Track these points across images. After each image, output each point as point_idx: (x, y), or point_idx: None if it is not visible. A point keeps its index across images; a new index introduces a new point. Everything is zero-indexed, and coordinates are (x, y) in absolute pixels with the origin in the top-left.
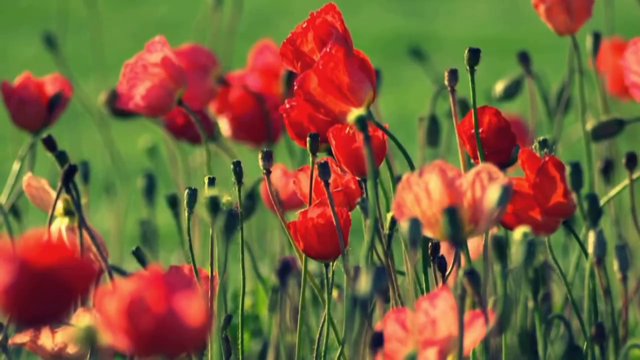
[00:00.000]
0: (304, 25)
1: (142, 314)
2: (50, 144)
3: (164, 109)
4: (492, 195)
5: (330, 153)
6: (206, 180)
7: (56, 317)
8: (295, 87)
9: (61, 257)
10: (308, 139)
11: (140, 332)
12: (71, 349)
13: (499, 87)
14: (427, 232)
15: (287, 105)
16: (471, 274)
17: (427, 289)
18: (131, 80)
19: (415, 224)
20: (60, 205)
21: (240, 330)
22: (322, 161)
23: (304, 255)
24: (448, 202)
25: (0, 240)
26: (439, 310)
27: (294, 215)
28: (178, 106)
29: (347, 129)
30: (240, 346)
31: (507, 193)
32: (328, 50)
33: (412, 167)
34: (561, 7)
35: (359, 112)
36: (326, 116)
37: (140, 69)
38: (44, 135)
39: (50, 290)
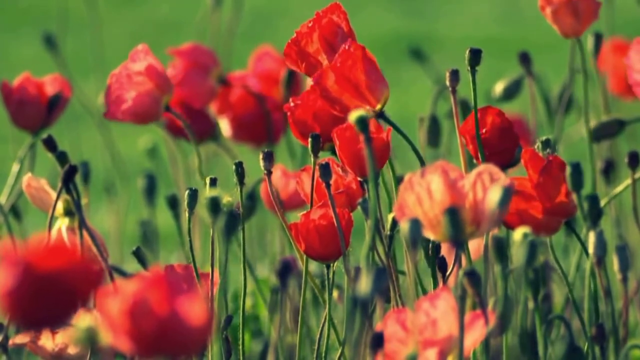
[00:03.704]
0: (310, 25)
1: (144, 316)
2: (50, 144)
3: (151, 116)
4: (493, 196)
5: (333, 152)
6: (207, 181)
7: (60, 320)
8: (312, 83)
9: (65, 260)
10: (310, 139)
11: (142, 334)
12: (72, 350)
13: (499, 87)
14: (429, 234)
15: (292, 104)
16: (471, 275)
17: (434, 289)
18: (117, 90)
19: (415, 224)
20: (60, 206)
21: (241, 330)
22: (324, 162)
23: (304, 256)
24: (450, 203)
25: (3, 243)
26: (439, 311)
27: (294, 216)
28: (166, 112)
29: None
30: (241, 347)
31: (508, 194)
32: (346, 47)
33: (422, 164)
34: (568, 9)
35: (360, 112)
36: (342, 113)
37: (125, 79)
38: (44, 135)
39: (54, 294)
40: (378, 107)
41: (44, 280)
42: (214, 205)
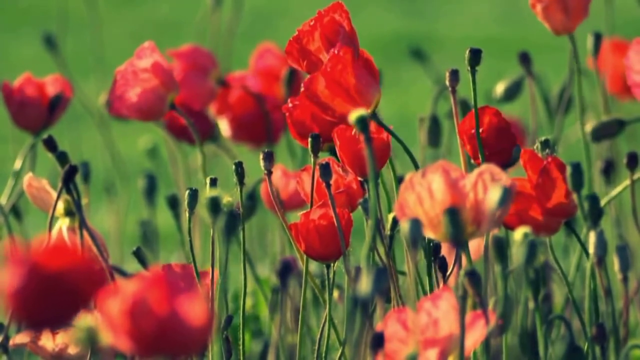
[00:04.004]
0: (311, 24)
1: (144, 315)
2: (50, 144)
3: (156, 114)
4: (493, 196)
5: (332, 153)
6: (207, 181)
7: (65, 320)
8: (302, 89)
9: (71, 260)
10: (310, 139)
11: (142, 334)
12: (72, 350)
13: (500, 88)
14: (429, 233)
15: (290, 104)
16: (472, 275)
17: (431, 290)
18: (122, 87)
19: (415, 224)
20: (60, 206)
21: (241, 330)
22: (324, 162)
23: (304, 256)
24: (451, 203)
25: (5, 243)
26: (441, 311)
27: (294, 216)
28: (171, 110)
29: (353, 130)
30: (241, 347)
31: (508, 194)
32: (336, 52)
33: (416, 167)
34: (558, 6)
35: (360, 112)
36: (333, 118)
37: (131, 75)
38: (45, 135)
39: (60, 294)
40: (369, 110)
41: (50, 281)
42: (214, 205)
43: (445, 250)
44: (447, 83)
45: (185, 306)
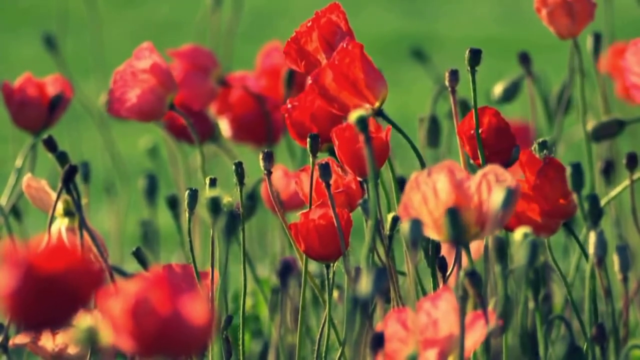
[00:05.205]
0: (309, 24)
1: (147, 315)
2: (50, 144)
3: (155, 114)
4: (497, 197)
5: (331, 153)
6: (207, 181)
7: (62, 321)
8: (310, 82)
9: (67, 261)
10: (308, 139)
11: (144, 333)
12: (72, 350)
13: (498, 89)
14: (433, 234)
15: (289, 105)
16: (472, 275)
17: (434, 289)
18: (121, 88)
19: (416, 224)
20: (60, 206)
21: (241, 330)
22: (323, 162)
23: (304, 256)
24: (455, 204)
25: (5, 244)
26: (440, 311)
27: (294, 216)
28: (171, 110)
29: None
30: (241, 347)
31: (512, 195)
32: (344, 45)
33: (422, 166)
34: (563, 10)
35: (360, 112)
36: (340, 111)
37: (130, 77)
38: (45, 135)
39: (56, 295)
40: (377, 105)
41: (46, 282)
42: (215, 205)
43: (445, 250)
44: (447, 83)
45: (188, 306)
